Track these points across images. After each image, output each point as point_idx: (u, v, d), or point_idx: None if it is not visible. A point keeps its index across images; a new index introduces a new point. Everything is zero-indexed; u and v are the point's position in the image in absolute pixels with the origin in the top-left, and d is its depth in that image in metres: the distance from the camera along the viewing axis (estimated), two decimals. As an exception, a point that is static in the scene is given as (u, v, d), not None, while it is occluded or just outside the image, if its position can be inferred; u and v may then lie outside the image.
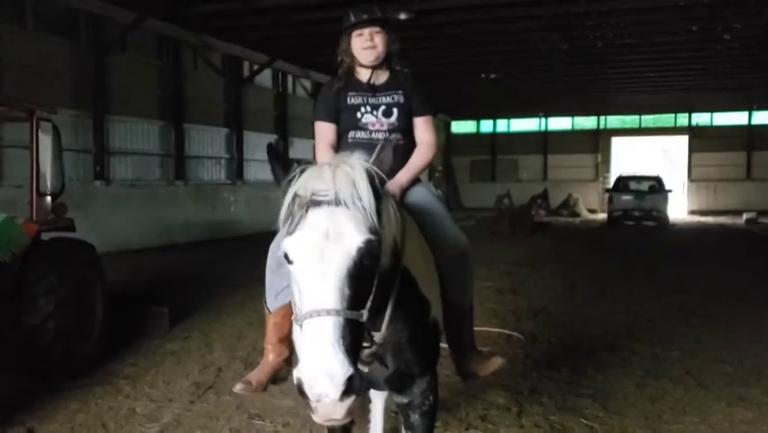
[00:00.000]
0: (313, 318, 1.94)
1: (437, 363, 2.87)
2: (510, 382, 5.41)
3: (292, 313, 2.26)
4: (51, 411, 4.90)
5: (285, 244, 2.07)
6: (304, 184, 2.09)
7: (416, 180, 3.41)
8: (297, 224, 2.05)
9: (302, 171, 2.14)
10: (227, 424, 4.65)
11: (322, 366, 1.85)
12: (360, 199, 2.06)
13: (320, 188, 2.07)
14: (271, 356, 3.27)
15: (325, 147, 3.41)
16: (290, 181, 2.13)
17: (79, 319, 5.90)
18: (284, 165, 2.23)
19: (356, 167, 2.13)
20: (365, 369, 2.49)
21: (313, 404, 1.89)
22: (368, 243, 2.02)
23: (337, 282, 1.98)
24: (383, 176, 2.17)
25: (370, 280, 2.09)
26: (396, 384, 2.70)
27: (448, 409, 4.70)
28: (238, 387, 3.27)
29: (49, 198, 6.33)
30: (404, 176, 3.26)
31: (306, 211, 2.05)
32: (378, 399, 3.75)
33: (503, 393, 5.11)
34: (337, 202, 2.04)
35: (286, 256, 2.09)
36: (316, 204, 2.05)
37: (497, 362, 3.50)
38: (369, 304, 2.05)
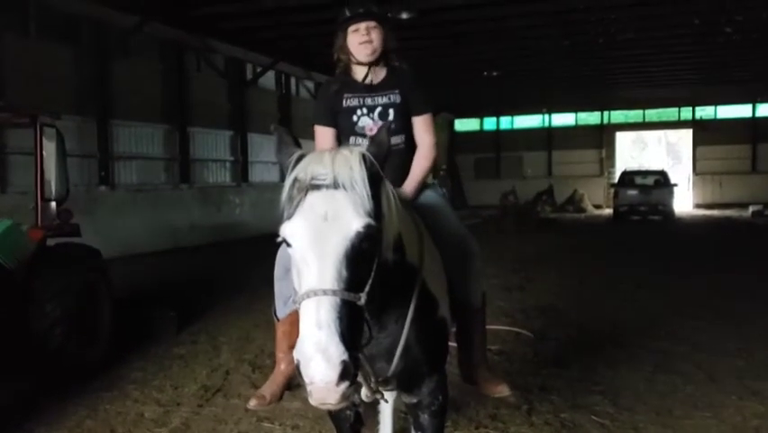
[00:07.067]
0: (310, 298, 1.93)
1: (446, 362, 2.84)
2: (520, 380, 5.38)
3: None
4: (59, 417, 4.88)
5: (284, 228, 2.07)
6: (304, 168, 2.10)
7: (424, 186, 3.37)
8: (296, 207, 2.06)
9: (301, 157, 2.15)
10: (236, 427, 4.63)
11: (317, 345, 1.85)
12: (357, 183, 2.06)
13: (320, 173, 2.07)
14: (283, 365, 3.24)
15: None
16: (291, 166, 2.14)
17: (86, 324, 5.89)
18: (290, 141, 2.24)
19: (353, 151, 2.14)
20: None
21: (308, 387, 1.89)
22: (366, 226, 2.02)
23: (335, 263, 1.98)
24: (373, 160, 2.15)
25: (368, 263, 2.08)
26: (404, 384, 2.68)
27: (458, 408, 4.67)
28: (252, 403, 3.24)
29: (54, 204, 6.32)
30: (409, 187, 3.24)
31: (306, 195, 2.06)
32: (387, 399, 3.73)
33: (513, 392, 5.05)
34: (336, 185, 2.05)
35: (285, 241, 2.08)
36: (315, 187, 2.06)
37: (502, 390, 3.43)
38: (367, 288, 2.04)
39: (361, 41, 3.30)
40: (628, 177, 25.91)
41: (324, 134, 3.42)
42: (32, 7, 14.01)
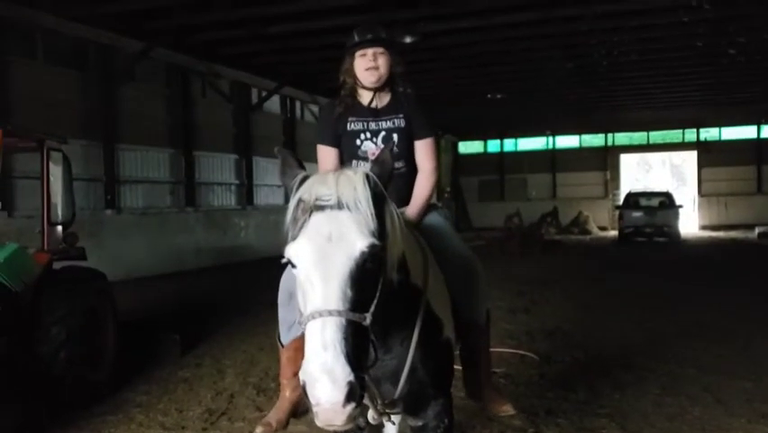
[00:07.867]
0: (315, 319, 1.93)
1: (451, 385, 2.83)
2: (526, 403, 5.35)
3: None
4: (64, 441, 4.87)
5: (288, 249, 2.08)
6: (308, 189, 2.12)
7: (429, 207, 3.36)
8: (301, 228, 2.07)
9: (305, 178, 2.16)
10: (241, 451, 4.62)
11: (323, 366, 1.85)
12: (361, 203, 2.07)
13: (324, 193, 2.08)
14: (288, 392, 3.23)
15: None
16: (295, 187, 2.15)
17: (91, 348, 5.89)
18: (294, 163, 2.24)
19: (357, 172, 2.16)
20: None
21: (314, 408, 1.87)
22: (371, 246, 2.02)
23: (340, 284, 1.98)
24: (377, 180, 2.16)
25: (373, 283, 2.08)
26: (409, 406, 2.67)
27: (463, 431, 4.64)
28: (259, 431, 3.22)
29: (60, 228, 6.36)
30: (412, 210, 3.24)
31: (310, 215, 2.06)
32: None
33: (519, 415, 5.03)
34: (339, 206, 2.06)
35: (290, 261, 2.09)
36: (319, 208, 2.07)
37: (507, 409, 3.42)
38: (372, 308, 2.04)
39: (368, 67, 3.30)
40: (633, 198, 25.86)
41: (328, 154, 3.40)
42: (39, 32, 14.16)
